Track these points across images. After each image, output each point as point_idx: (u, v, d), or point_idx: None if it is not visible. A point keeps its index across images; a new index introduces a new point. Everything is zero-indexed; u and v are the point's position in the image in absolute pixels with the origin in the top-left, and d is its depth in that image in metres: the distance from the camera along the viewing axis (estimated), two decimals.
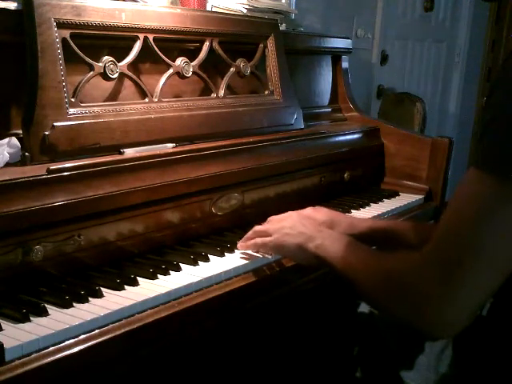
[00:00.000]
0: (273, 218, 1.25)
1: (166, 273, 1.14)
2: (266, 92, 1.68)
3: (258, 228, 1.25)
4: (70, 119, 1.19)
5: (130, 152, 1.27)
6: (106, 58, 1.28)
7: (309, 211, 1.30)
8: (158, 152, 1.29)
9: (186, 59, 1.44)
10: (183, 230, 1.31)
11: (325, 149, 1.73)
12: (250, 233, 1.26)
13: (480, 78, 4.26)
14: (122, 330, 0.96)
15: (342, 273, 1.04)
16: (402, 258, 0.93)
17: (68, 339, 0.90)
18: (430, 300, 0.84)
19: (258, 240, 1.23)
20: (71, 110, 1.20)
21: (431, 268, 0.84)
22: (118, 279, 1.08)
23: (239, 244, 1.27)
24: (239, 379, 1.50)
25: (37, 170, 1.08)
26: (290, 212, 1.25)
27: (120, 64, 1.31)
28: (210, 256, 1.23)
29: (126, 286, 1.07)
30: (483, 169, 0.80)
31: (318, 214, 1.30)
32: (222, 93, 1.53)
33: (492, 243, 0.79)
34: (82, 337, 0.92)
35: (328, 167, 1.74)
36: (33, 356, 0.86)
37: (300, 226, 1.16)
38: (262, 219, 1.37)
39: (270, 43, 1.69)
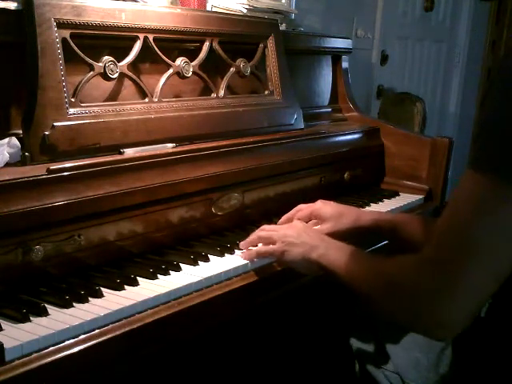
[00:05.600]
0: (277, 226, 1.26)
1: (166, 273, 1.14)
2: (266, 92, 1.68)
3: (262, 234, 1.25)
4: (70, 119, 1.19)
5: (129, 152, 1.27)
6: (105, 58, 1.28)
7: (318, 204, 1.36)
8: (158, 152, 1.29)
9: (186, 59, 1.44)
10: (183, 230, 1.31)
11: (325, 149, 1.73)
12: (253, 237, 1.26)
13: (480, 78, 4.27)
14: (122, 330, 0.96)
15: (344, 280, 1.05)
16: (401, 261, 0.93)
17: (68, 339, 0.90)
18: (429, 302, 0.84)
19: (262, 249, 1.23)
20: (71, 110, 1.20)
21: (429, 270, 0.84)
22: (118, 279, 1.08)
23: (243, 253, 1.26)
24: (239, 379, 1.50)
25: (37, 170, 1.08)
26: (295, 221, 1.27)
27: (120, 64, 1.31)
28: (210, 256, 1.23)
29: (126, 286, 1.07)
30: (478, 169, 0.80)
31: (326, 206, 1.35)
32: (222, 93, 1.53)
33: (489, 244, 0.80)
34: (82, 337, 0.92)
35: (328, 167, 1.74)
36: (33, 356, 0.86)
37: (304, 235, 1.17)
38: (262, 219, 1.38)
39: (270, 43, 1.68)
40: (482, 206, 0.79)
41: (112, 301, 1.01)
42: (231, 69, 1.57)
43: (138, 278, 1.09)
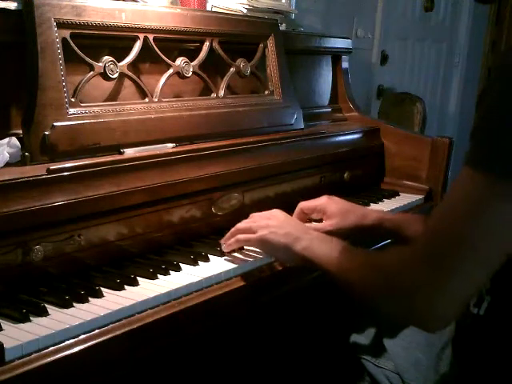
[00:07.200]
0: (256, 215, 1.23)
1: (166, 273, 1.14)
2: (266, 92, 1.68)
3: (240, 225, 1.23)
4: (70, 119, 1.19)
5: (130, 152, 1.27)
6: (106, 58, 1.28)
7: (324, 199, 1.35)
8: (158, 152, 1.29)
9: (186, 59, 1.44)
10: (183, 230, 1.31)
11: (325, 149, 1.73)
12: (232, 230, 1.24)
13: (480, 78, 4.27)
14: (122, 330, 0.96)
15: (331, 273, 1.04)
16: (393, 253, 0.94)
17: (68, 339, 0.90)
18: (421, 293, 0.85)
19: (241, 236, 1.21)
20: (71, 110, 1.20)
21: (421, 262, 0.85)
22: (118, 279, 1.08)
23: (223, 245, 1.24)
24: (240, 378, 1.50)
25: (37, 170, 1.08)
26: (275, 210, 1.24)
27: (120, 64, 1.31)
28: (209, 256, 1.23)
29: (126, 286, 1.07)
30: (474, 166, 0.80)
31: (331, 203, 1.35)
32: (222, 93, 1.53)
33: (481, 240, 0.80)
34: (82, 337, 0.92)
35: (328, 167, 1.74)
36: (33, 356, 0.86)
37: (287, 225, 1.16)
38: None
39: (270, 43, 1.69)
40: (477, 203, 0.80)
41: (112, 301, 1.01)
42: (231, 69, 1.57)
43: (138, 278, 1.09)
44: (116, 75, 1.30)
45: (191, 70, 1.45)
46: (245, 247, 1.27)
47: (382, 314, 1.15)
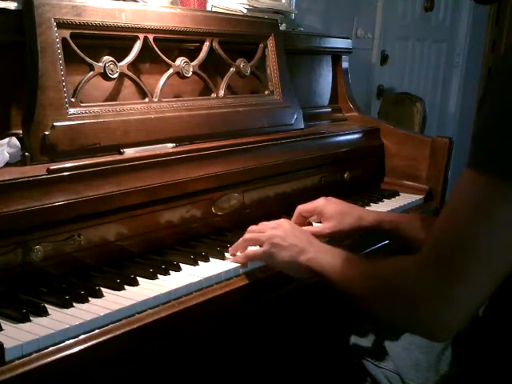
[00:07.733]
0: (264, 224, 1.23)
1: (166, 273, 1.14)
2: (266, 92, 1.68)
3: (248, 236, 1.23)
4: (70, 119, 1.19)
5: (130, 152, 1.27)
6: (106, 57, 1.28)
7: (321, 201, 1.35)
8: (158, 152, 1.29)
9: (186, 59, 1.44)
10: (183, 230, 1.31)
11: (325, 149, 1.74)
12: (240, 241, 1.24)
13: (480, 78, 4.26)
14: (122, 330, 0.96)
15: (336, 284, 1.04)
16: (399, 263, 0.92)
17: (68, 339, 0.90)
18: (426, 302, 0.84)
19: (249, 252, 1.21)
20: (71, 110, 1.20)
21: (427, 270, 0.84)
22: (118, 279, 1.08)
23: (231, 256, 1.24)
24: (239, 378, 1.50)
25: (37, 170, 1.08)
26: (282, 219, 1.23)
27: (120, 64, 1.31)
28: (209, 256, 1.23)
29: (126, 286, 1.07)
30: (475, 168, 0.80)
31: (329, 205, 1.34)
32: (221, 93, 1.53)
33: (487, 244, 0.79)
34: (82, 337, 0.92)
35: (328, 167, 1.74)
36: (33, 356, 0.86)
37: (292, 237, 1.15)
38: (261, 219, 1.37)
39: (270, 43, 1.69)
40: (480, 206, 0.79)
41: (112, 301, 1.01)
42: (231, 69, 1.57)
43: (138, 277, 1.09)
44: (116, 75, 1.30)
45: (191, 70, 1.45)
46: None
47: (385, 322, 1.14)
